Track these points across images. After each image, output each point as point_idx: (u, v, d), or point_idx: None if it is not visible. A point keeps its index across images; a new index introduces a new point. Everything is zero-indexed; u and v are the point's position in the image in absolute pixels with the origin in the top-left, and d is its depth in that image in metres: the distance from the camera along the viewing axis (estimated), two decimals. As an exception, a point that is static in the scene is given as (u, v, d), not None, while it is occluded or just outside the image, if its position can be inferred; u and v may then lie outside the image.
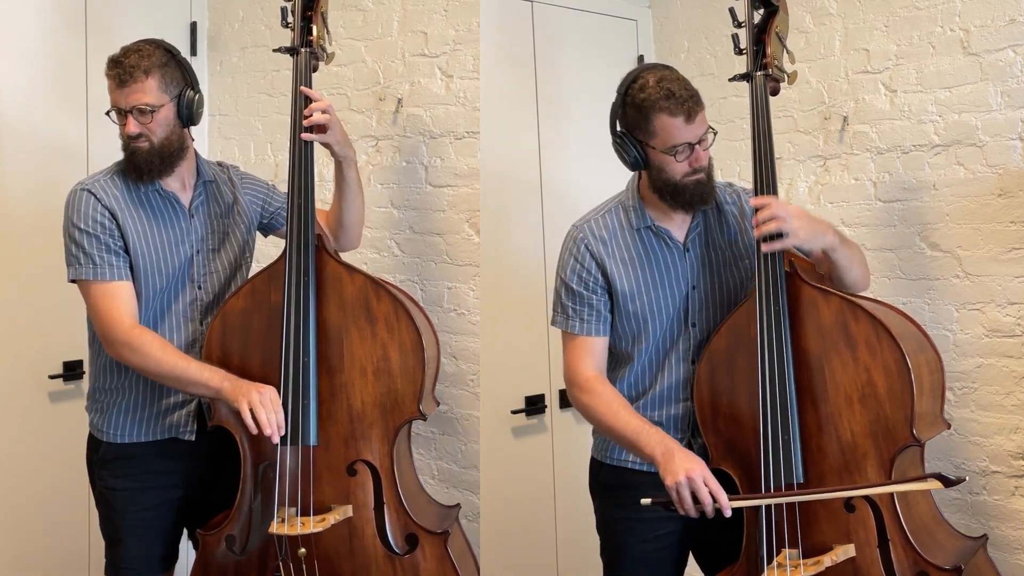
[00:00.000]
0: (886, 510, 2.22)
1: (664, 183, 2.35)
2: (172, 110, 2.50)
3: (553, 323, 2.50)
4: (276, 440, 2.39)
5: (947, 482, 2.12)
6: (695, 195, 2.35)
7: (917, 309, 2.87)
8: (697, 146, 2.31)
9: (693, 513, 2.23)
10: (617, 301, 2.44)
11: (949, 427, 2.36)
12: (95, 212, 2.47)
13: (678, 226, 2.44)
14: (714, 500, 2.21)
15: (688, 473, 2.21)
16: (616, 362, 2.51)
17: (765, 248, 2.29)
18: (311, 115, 2.54)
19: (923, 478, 2.19)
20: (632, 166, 2.39)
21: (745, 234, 2.47)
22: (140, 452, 2.58)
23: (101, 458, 2.61)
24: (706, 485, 2.21)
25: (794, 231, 2.26)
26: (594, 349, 2.45)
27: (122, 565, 2.58)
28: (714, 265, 2.45)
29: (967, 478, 2.18)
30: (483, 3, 3.19)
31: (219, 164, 2.77)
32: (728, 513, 2.22)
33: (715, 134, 2.37)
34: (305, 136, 2.55)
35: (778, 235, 2.27)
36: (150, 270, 2.52)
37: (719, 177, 2.59)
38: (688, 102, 2.29)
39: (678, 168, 2.32)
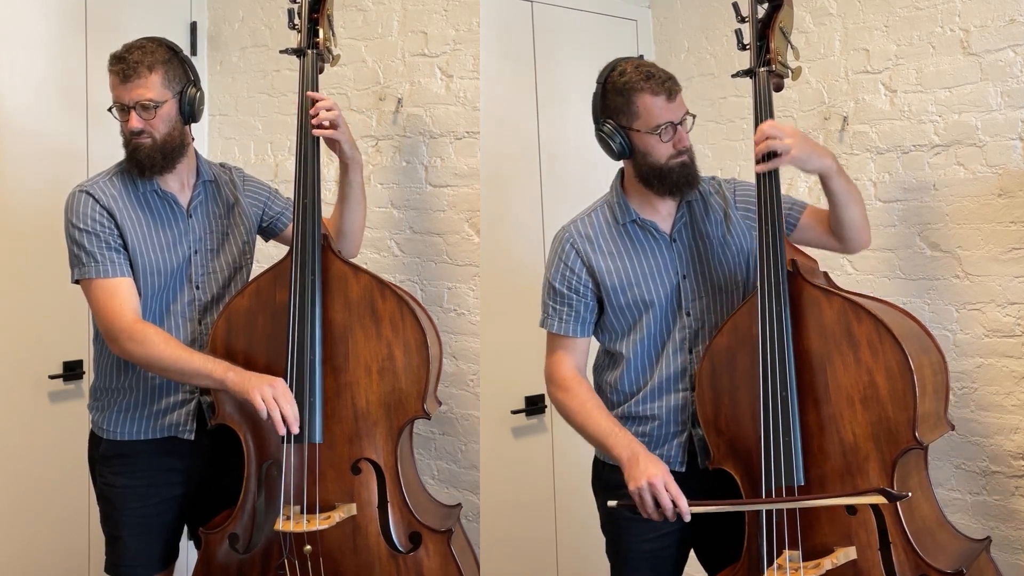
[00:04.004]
0: (888, 512, 2.20)
1: (650, 167, 2.38)
2: (174, 106, 2.51)
3: (539, 322, 2.55)
4: (296, 430, 2.39)
5: (891, 497, 2.13)
6: (681, 177, 2.38)
7: (917, 309, 2.88)
8: (679, 127, 2.35)
9: (656, 516, 2.28)
10: (608, 296, 2.46)
11: (953, 428, 2.34)
12: (93, 211, 2.48)
13: (664, 218, 2.47)
14: (675, 505, 2.25)
15: (649, 479, 2.26)
16: (614, 360, 2.53)
17: (758, 168, 2.30)
18: (318, 114, 2.55)
19: (866, 492, 2.17)
20: (618, 155, 2.42)
21: (731, 222, 2.49)
22: (140, 450, 2.58)
23: (102, 455, 2.62)
24: (667, 490, 2.25)
25: (787, 148, 2.27)
26: (574, 349, 2.50)
27: (122, 562, 2.59)
28: (702, 254, 2.47)
29: (910, 495, 2.18)
30: (483, 3, 3.19)
31: (222, 165, 2.77)
32: (687, 518, 2.27)
33: (694, 118, 2.40)
34: (316, 132, 2.55)
35: (774, 154, 2.28)
36: (148, 270, 2.52)
37: (713, 173, 2.61)
38: (668, 82, 2.35)
39: (663, 150, 2.35)
